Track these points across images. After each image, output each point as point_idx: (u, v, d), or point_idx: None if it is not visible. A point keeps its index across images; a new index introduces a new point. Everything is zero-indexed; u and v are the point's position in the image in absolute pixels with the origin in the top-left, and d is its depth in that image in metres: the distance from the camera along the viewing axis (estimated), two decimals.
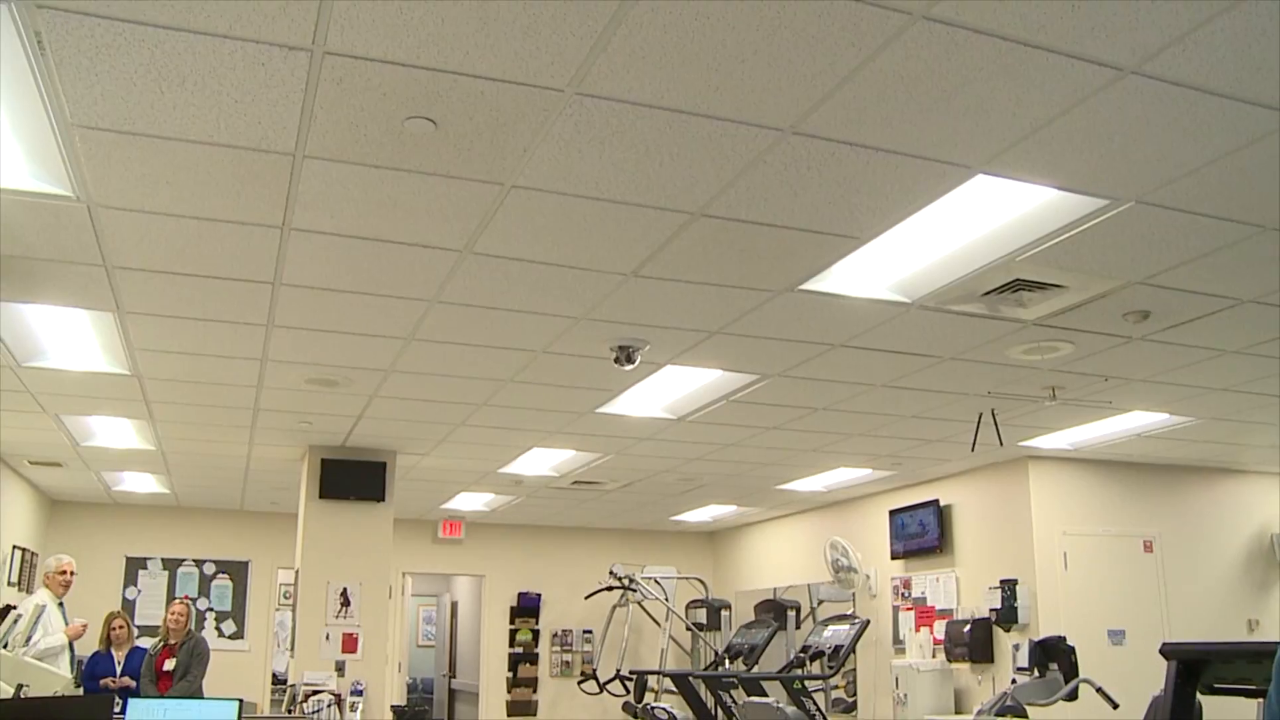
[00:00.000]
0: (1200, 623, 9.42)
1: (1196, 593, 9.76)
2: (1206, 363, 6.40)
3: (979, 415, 7.53)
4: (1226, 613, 9.72)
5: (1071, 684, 6.56)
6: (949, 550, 10.12)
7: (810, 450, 8.92)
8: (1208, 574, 9.92)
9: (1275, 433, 8.41)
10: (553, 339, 5.78)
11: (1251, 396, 7.27)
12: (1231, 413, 7.78)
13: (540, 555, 14.15)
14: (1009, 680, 7.51)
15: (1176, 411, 7.74)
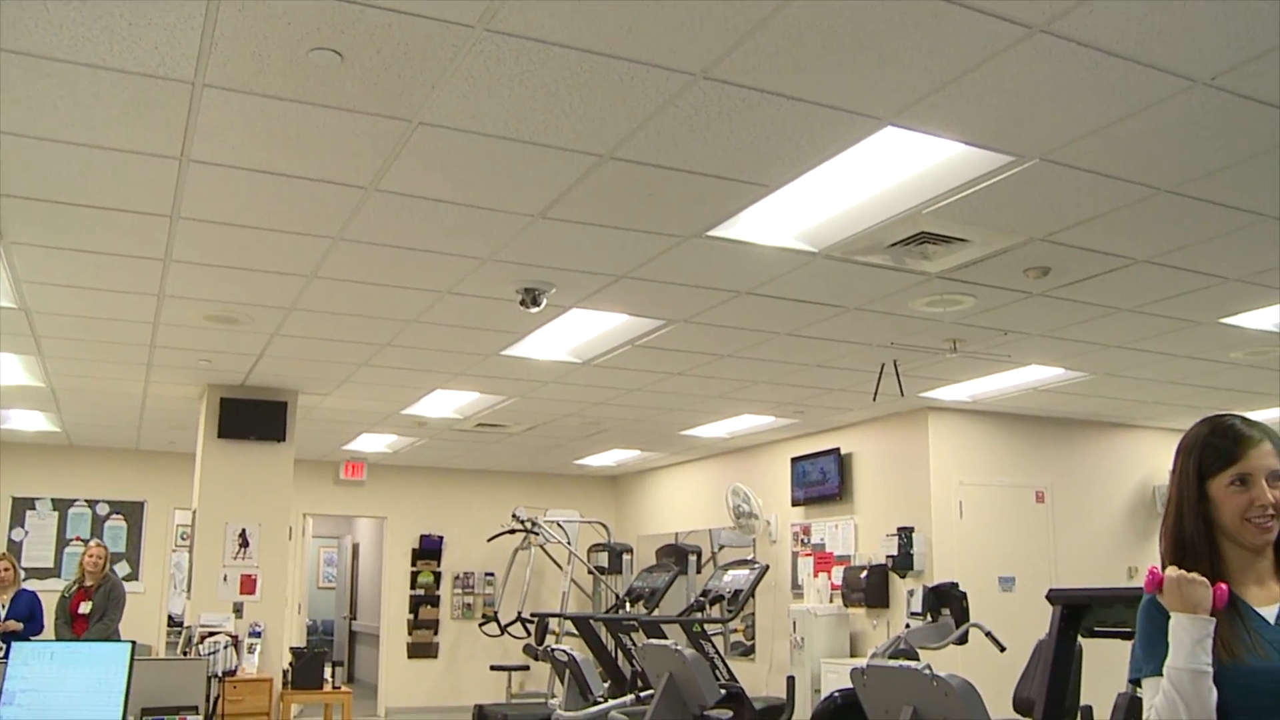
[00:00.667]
0: (1085, 570, 9.73)
1: (1083, 541, 10.07)
2: (1101, 320, 6.56)
3: (881, 366, 7.64)
4: (1109, 561, 10.05)
5: (962, 628, 6.72)
6: (848, 498, 10.29)
7: (714, 397, 8.98)
8: (1094, 524, 10.23)
9: (1162, 389, 8.67)
10: (458, 280, 5.71)
11: (1142, 354, 7.48)
12: (1122, 369, 7.99)
13: (443, 498, 14.09)
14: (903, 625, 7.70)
15: (1071, 367, 7.93)
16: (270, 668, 8.24)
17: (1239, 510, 2.15)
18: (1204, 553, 2.18)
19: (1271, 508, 2.15)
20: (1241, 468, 2.16)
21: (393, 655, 13.75)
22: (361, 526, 17.06)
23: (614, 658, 10.35)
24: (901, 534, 9.41)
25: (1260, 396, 8.91)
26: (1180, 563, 2.20)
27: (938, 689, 3.18)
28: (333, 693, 8.67)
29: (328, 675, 8.69)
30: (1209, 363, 7.76)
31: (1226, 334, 6.93)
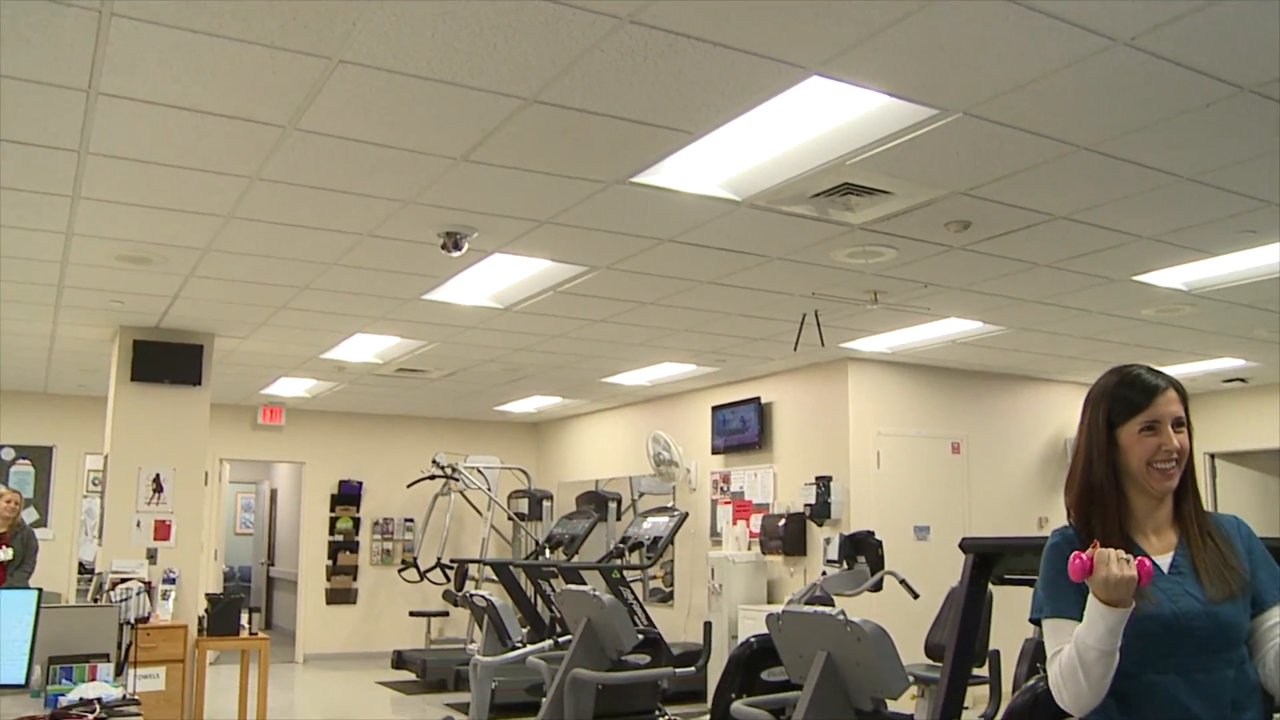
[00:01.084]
0: (998, 519, 9.94)
1: (996, 492, 10.29)
2: (1019, 275, 6.65)
3: (802, 316, 7.68)
4: (1022, 511, 10.28)
5: (877, 576, 6.85)
6: (768, 447, 10.39)
7: (636, 344, 8.99)
8: (1007, 475, 10.45)
9: (1076, 344, 8.84)
10: (379, 222, 5.62)
11: (1057, 309, 7.61)
12: (1039, 324, 8.13)
13: (362, 443, 13.98)
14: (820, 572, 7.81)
15: (989, 320, 8.05)
16: (185, 614, 8.14)
17: (1147, 455, 2.23)
18: (1111, 500, 2.27)
19: (1176, 452, 2.25)
20: (1149, 414, 2.25)
21: (311, 601, 13.67)
22: (280, 472, 16.89)
23: (533, 604, 10.41)
24: (820, 483, 9.52)
25: (1169, 353, 9.14)
26: (1088, 511, 2.28)
27: (851, 634, 3.23)
28: (249, 639, 8.60)
29: (244, 622, 8.61)
30: (1121, 319, 7.92)
31: (1139, 291, 7.07)
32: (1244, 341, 8.87)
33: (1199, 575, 2.20)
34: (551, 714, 4.85)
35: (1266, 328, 8.30)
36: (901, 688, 3.22)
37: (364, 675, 12.01)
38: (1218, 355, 9.52)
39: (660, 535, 9.29)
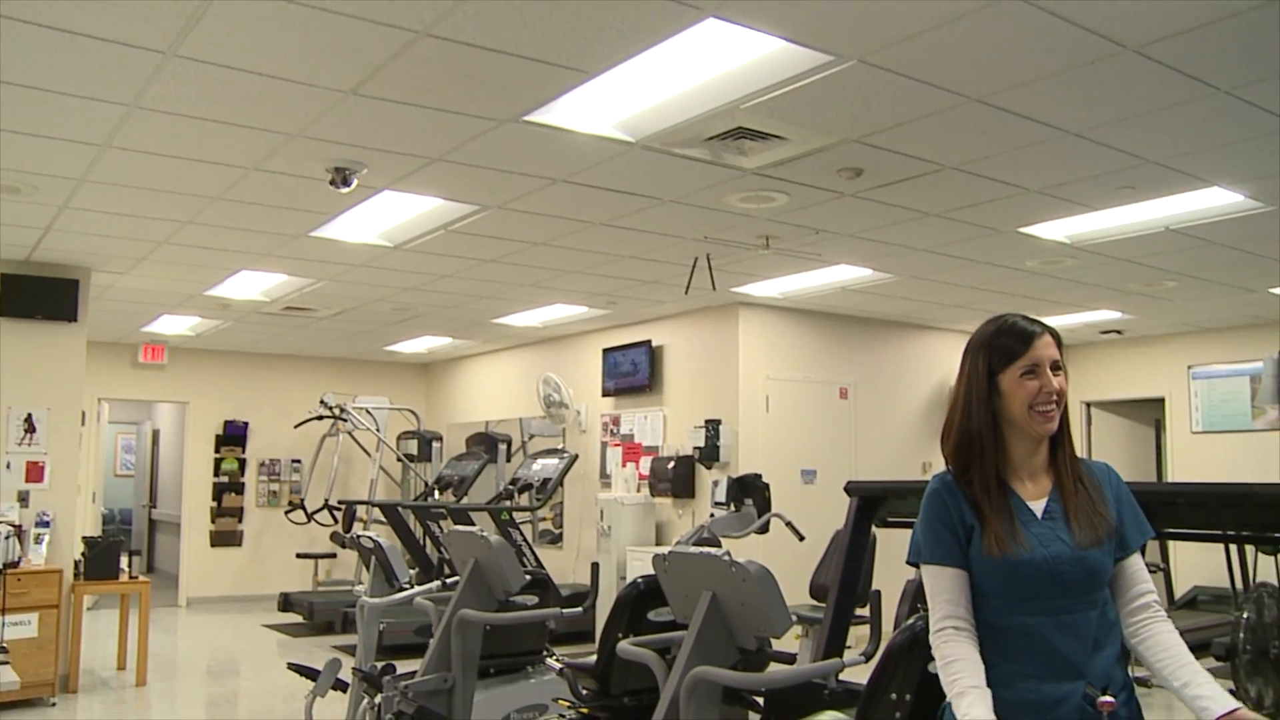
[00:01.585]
0: (883, 464, 10.15)
1: (882, 437, 10.49)
2: (909, 223, 6.74)
3: (694, 259, 7.70)
4: (906, 456, 10.51)
5: (764, 518, 6.93)
6: (658, 390, 10.43)
7: (527, 285, 8.92)
8: (893, 420, 10.66)
9: (963, 293, 9.02)
10: (264, 156, 5.46)
11: (945, 258, 7.74)
12: (927, 272, 8.26)
13: (248, 383, 13.70)
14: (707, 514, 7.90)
15: (879, 268, 8.16)
16: (60, 558, 7.92)
17: (1028, 399, 2.31)
18: (990, 446, 2.34)
19: (1055, 394, 2.33)
20: (1029, 359, 2.33)
21: (195, 544, 13.42)
22: (162, 412, 16.50)
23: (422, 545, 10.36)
24: (709, 426, 9.60)
25: (1051, 304, 9.37)
26: (967, 458, 2.35)
27: (736, 574, 3.26)
28: (129, 583, 8.42)
29: (124, 565, 8.42)
30: (1007, 270, 8.09)
31: (1024, 243, 7.22)
32: (1120, 294, 9.14)
33: (1070, 521, 2.29)
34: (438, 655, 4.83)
35: (1141, 281, 8.57)
36: (785, 627, 3.27)
37: (250, 618, 11.87)
38: (1096, 307, 9.79)
39: (550, 477, 9.32)
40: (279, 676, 7.79)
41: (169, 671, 8.86)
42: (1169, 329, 11.13)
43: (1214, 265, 7.96)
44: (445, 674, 4.69)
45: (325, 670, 5.84)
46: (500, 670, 6.26)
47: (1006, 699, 2.24)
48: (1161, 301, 9.47)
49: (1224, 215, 6.50)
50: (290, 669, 6.10)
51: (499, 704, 6.16)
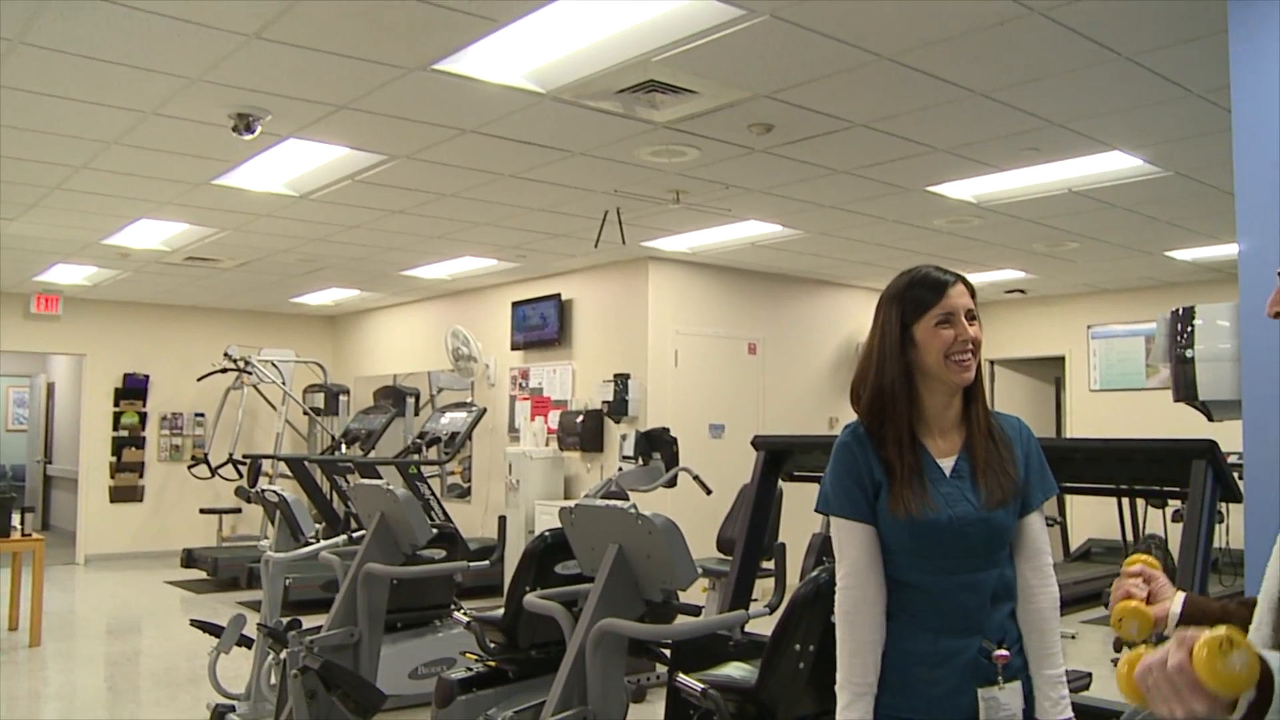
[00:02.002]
0: (791, 419, 10.25)
1: (790, 392, 10.59)
2: (818, 180, 6.77)
3: (604, 213, 7.67)
4: (814, 411, 10.62)
5: (671, 472, 6.98)
6: (567, 343, 10.42)
7: (436, 237, 8.81)
8: (801, 376, 10.76)
9: (871, 250, 9.11)
10: (164, 100, 5.30)
11: (854, 215, 7.80)
12: (835, 229, 8.33)
13: (149, 334, 13.37)
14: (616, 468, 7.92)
15: (788, 224, 8.20)
16: None
17: (943, 348, 2.30)
18: (903, 400, 2.34)
19: (971, 342, 2.32)
20: (943, 308, 2.31)
21: (93, 500, 13.11)
22: (57, 364, 16.06)
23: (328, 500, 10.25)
24: (618, 380, 9.61)
25: (957, 263, 9.49)
26: (880, 412, 2.35)
27: (642, 527, 3.27)
28: (23, 540, 8.21)
29: (16, 523, 8.20)
30: (914, 228, 8.19)
31: (931, 202, 7.30)
32: (1024, 254, 9.31)
33: (977, 481, 2.31)
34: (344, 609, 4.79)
35: (1044, 242, 8.73)
36: (690, 580, 3.29)
37: (151, 575, 11.66)
38: (1001, 266, 9.97)
39: (458, 431, 9.26)
40: (182, 634, 7.67)
41: (65, 631, 8.67)
42: (1070, 289, 11.38)
43: (1114, 228, 8.14)
44: (351, 629, 4.66)
45: (229, 627, 5.77)
46: (407, 624, 6.26)
47: (905, 650, 2.28)
48: (1063, 262, 9.68)
49: (1124, 179, 6.64)
50: (193, 626, 6.03)
51: (406, 658, 6.15)
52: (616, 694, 3.41)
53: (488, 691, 4.85)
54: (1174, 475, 3.87)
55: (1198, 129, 5.59)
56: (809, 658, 3.47)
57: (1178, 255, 9.30)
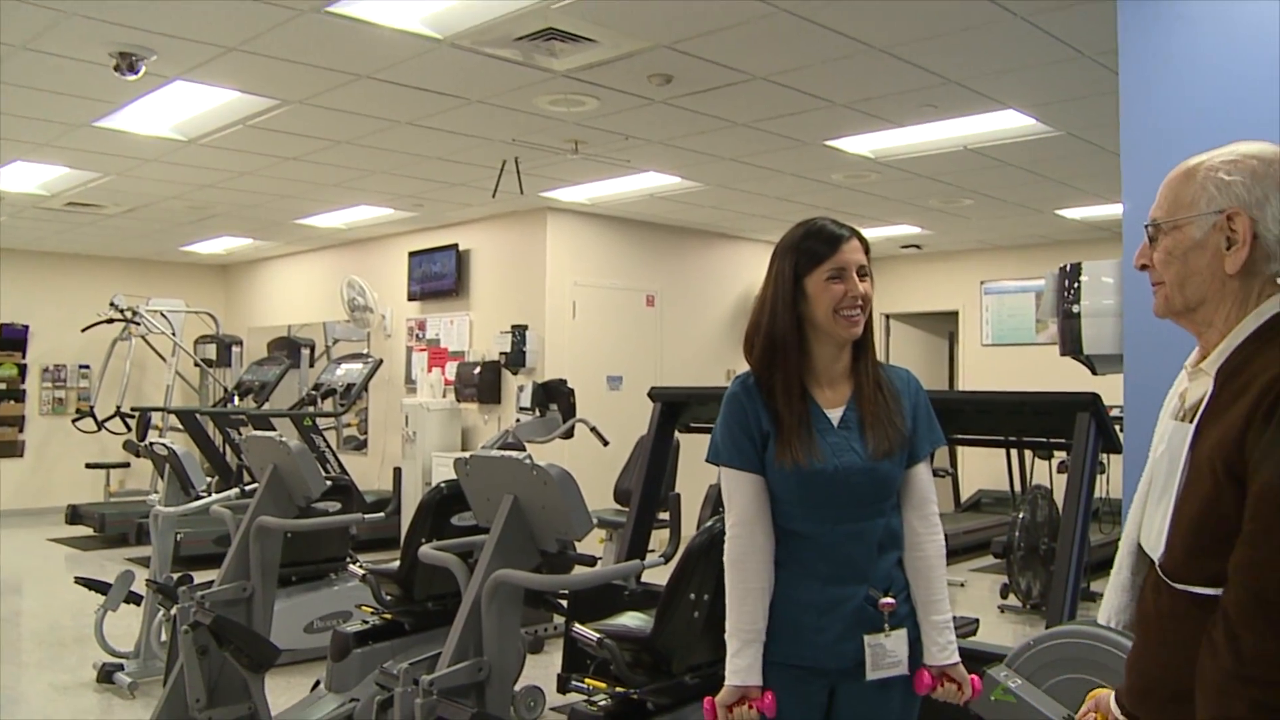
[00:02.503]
0: (688, 371, 10.30)
1: (688, 344, 10.65)
2: (718, 132, 6.77)
3: (502, 162, 7.58)
4: (711, 364, 10.69)
5: (568, 423, 6.98)
6: (465, 294, 10.33)
7: (331, 185, 8.64)
8: (699, 328, 10.82)
9: (769, 204, 9.15)
10: (36, 33, 5.06)
11: (753, 168, 7.83)
12: (734, 182, 8.35)
13: (28, 283, 12.90)
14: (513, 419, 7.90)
15: (687, 176, 8.20)
16: None
17: (833, 303, 2.33)
18: (793, 350, 2.36)
19: (861, 299, 2.35)
20: (835, 262, 2.33)
21: None
22: None
23: (221, 453, 10.06)
24: (515, 331, 9.57)
25: (855, 217, 9.58)
26: (771, 362, 2.37)
27: (537, 478, 3.26)
28: None
29: None
30: (813, 182, 8.25)
31: (829, 156, 7.36)
32: (920, 210, 9.44)
33: (864, 431, 2.34)
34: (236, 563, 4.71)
35: (940, 198, 8.86)
36: (585, 530, 3.29)
37: (33, 533, 11.32)
38: (897, 222, 10.10)
39: (354, 382, 9.15)
40: (67, 592, 7.47)
41: None
42: (964, 245, 11.58)
43: (1007, 185, 8.29)
44: (244, 583, 4.57)
45: (117, 583, 5.65)
46: (302, 578, 6.19)
47: (794, 599, 2.32)
48: (958, 219, 9.83)
49: (1017, 138, 6.76)
50: (79, 583, 5.88)
51: (301, 612, 6.09)
52: (512, 645, 3.42)
53: (384, 644, 4.83)
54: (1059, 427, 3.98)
55: (1088, 90, 5.70)
56: (704, 607, 3.51)
57: (1068, 214, 9.51)
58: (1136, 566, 1.86)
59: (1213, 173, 1.68)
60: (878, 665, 2.30)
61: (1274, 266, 1.66)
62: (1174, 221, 1.72)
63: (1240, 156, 1.68)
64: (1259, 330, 1.65)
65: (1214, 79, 3.25)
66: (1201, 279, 1.70)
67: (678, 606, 3.55)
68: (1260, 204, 1.64)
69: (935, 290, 12.17)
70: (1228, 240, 1.66)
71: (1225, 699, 1.50)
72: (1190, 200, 1.70)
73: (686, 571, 3.53)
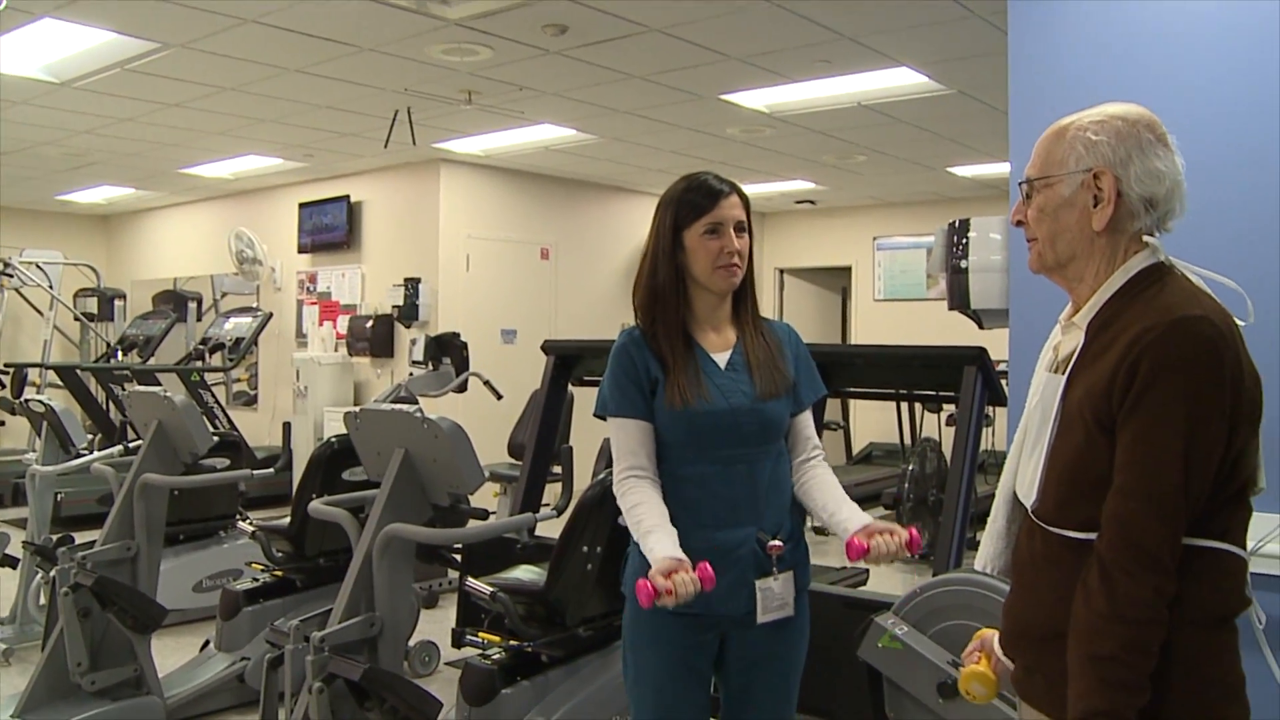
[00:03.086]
0: (584, 325, 10.28)
1: (583, 298, 10.62)
2: (613, 84, 6.72)
3: (395, 112, 7.44)
4: (606, 317, 10.66)
5: (462, 377, 6.92)
6: (357, 247, 10.17)
7: (216, 133, 8.39)
8: (594, 282, 10.80)
9: (665, 157, 9.13)
10: None
11: (648, 121, 7.79)
12: (630, 135, 8.31)
13: None
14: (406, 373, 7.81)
15: (583, 128, 8.13)
16: None
17: (710, 257, 2.37)
18: (674, 300, 2.41)
19: (737, 255, 2.39)
20: (713, 217, 2.38)
21: None
22: None
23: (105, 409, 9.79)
24: (408, 285, 9.46)
25: (750, 172, 9.64)
26: (653, 311, 2.39)
27: (428, 431, 3.23)
28: None
29: None
30: (708, 136, 8.24)
31: (725, 110, 7.35)
32: (814, 165, 9.51)
33: (751, 373, 2.39)
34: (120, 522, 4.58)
35: (834, 154, 8.94)
36: (477, 483, 3.27)
37: None
38: (791, 177, 10.16)
39: (243, 336, 8.95)
40: None
41: None
42: (858, 201, 11.70)
43: (900, 142, 8.38)
44: (128, 542, 4.46)
45: None
46: (190, 536, 6.07)
47: (685, 548, 2.34)
48: (852, 174, 9.92)
49: (910, 95, 6.83)
50: None
51: (188, 571, 5.98)
52: (405, 599, 3.39)
53: (275, 601, 4.77)
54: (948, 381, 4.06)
55: (979, 49, 5.77)
56: (596, 559, 3.52)
57: (959, 171, 9.66)
58: (1012, 514, 1.92)
59: (1081, 132, 1.74)
60: (768, 609, 2.35)
61: (1138, 224, 1.73)
62: (1045, 179, 1.79)
63: (1107, 117, 1.74)
64: (1126, 285, 1.72)
65: (1099, 40, 3.30)
66: (1071, 235, 1.76)
67: (571, 559, 3.55)
68: (1124, 163, 1.70)
69: (829, 246, 12.29)
70: (1094, 198, 1.73)
71: (1097, 638, 1.58)
72: (1060, 159, 1.76)
73: (579, 524, 3.54)
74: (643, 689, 2.43)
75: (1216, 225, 2.87)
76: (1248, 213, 2.99)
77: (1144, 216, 1.72)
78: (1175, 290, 1.67)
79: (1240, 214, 2.98)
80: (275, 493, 8.93)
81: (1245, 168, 3.00)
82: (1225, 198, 2.97)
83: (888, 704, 2.67)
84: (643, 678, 2.43)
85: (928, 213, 11.22)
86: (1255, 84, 3.00)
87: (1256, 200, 2.98)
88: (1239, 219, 2.98)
